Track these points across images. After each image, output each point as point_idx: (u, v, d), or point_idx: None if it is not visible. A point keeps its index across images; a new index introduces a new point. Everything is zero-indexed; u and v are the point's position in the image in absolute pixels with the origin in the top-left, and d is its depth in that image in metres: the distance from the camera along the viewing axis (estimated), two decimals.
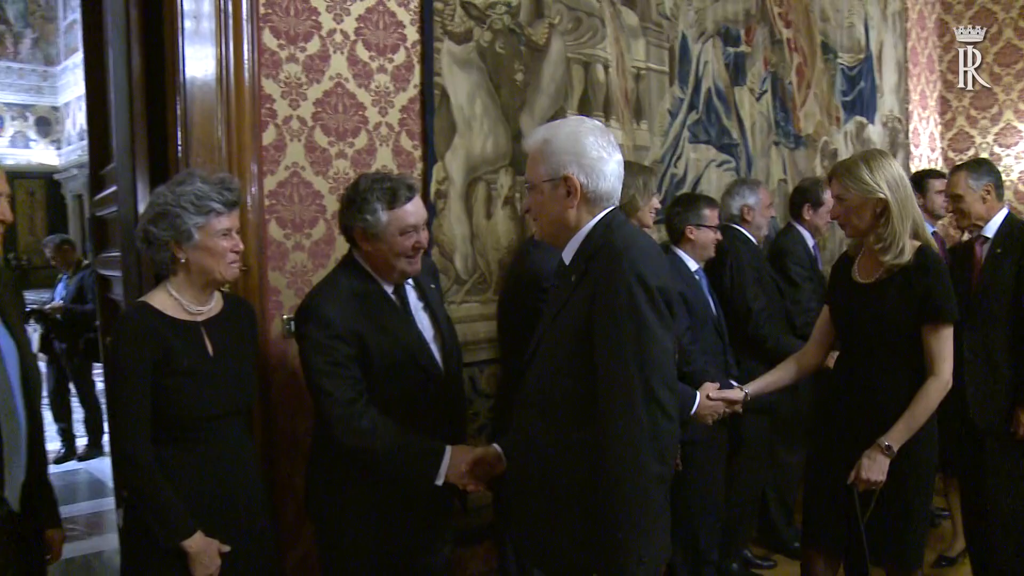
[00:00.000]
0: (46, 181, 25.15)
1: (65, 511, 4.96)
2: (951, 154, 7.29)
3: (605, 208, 2.11)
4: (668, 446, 1.97)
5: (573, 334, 2.02)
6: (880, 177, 2.66)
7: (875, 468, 2.66)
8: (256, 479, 2.48)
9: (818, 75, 5.63)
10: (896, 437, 2.66)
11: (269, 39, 3.03)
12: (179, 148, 2.85)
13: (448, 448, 2.42)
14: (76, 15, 17.14)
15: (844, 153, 5.74)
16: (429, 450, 2.42)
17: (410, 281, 2.63)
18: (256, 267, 2.98)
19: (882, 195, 2.67)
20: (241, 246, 2.39)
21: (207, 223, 2.29)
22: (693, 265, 3.69)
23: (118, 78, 3.18)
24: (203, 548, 2.23)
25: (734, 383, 3.20)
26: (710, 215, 3.66)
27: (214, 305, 2.43)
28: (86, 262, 6.81)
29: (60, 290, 6.89)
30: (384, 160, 3.34)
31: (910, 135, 6.82)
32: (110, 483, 4.30)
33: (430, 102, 3.43)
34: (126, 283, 3.06)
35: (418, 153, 3.44)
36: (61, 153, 21.85)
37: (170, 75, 2.90)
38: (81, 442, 6.81)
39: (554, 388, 2.09)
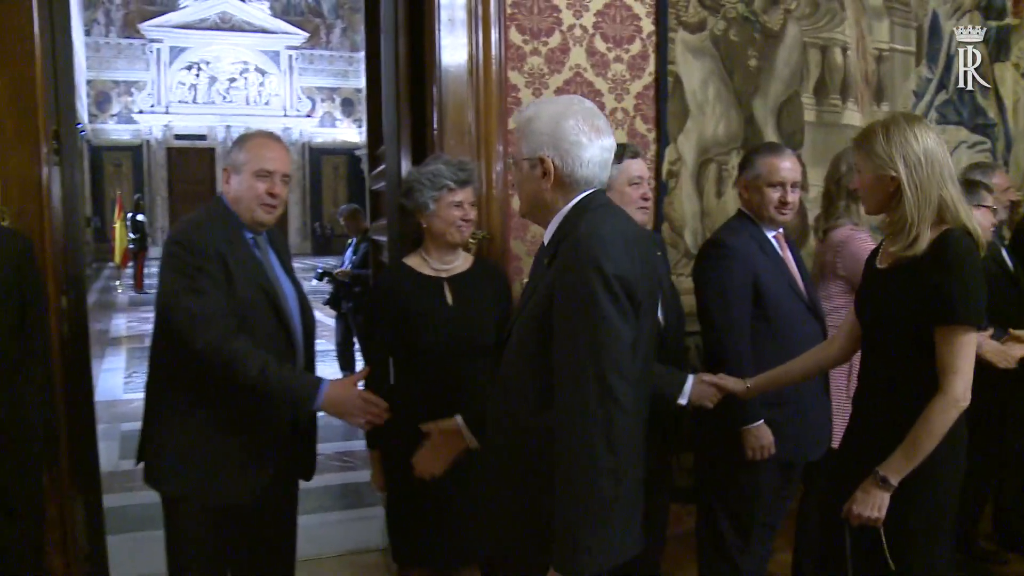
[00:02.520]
0: (348, 157, 27.72)
1: (346, 446, 5.85)
2: None
3: (585, 191, 2.03)
4: (622, 439, 1.87)
5: (537, 319, 1.97)
6: (896, 150, 2.22)
7: (868, 503, 2.25)
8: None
9: None
10: (894, 467, 2.22)
11: (515, 35, 3.44)
12: (435, 131, 3.35)
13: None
14: None
15: None
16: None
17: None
18: (499, 237, 3.41)
19: (894, 173, 2.23)
20: (471, 216, 2.82)
21: (440, 196, 2.76)
22: None
23: (387, 67, 3.68)
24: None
25: None
26: (986, 196, 3.60)
27: (460, 264, 2.88)
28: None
29: (348, 254, 7.72)
30: (619, 141, 3.65)
31: None
32: None
33: (664, 89, 3.70)
34: (390, 247, 3.59)
35: (652, 136, 3.72)
36: (362, 131, 23.92)
37: (429, 65, 3.40)
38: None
39: (518, 372, 2.05)
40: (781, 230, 3.01)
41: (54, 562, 3.06)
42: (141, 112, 26.12)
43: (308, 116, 27.55)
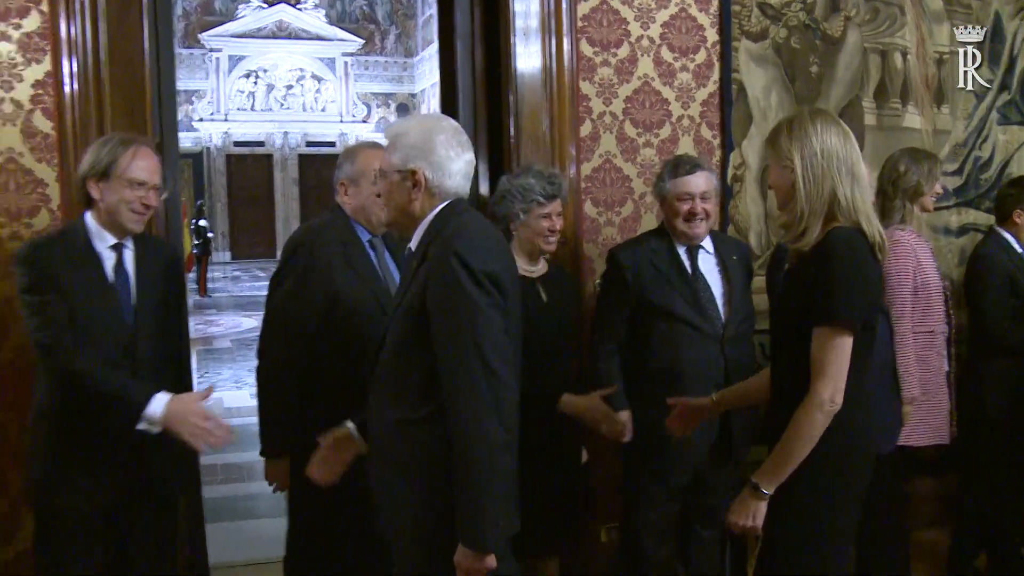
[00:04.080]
0: None
1: None
2: None
3: (447, 200, 2.19)
4: (510, 414, 2.04)
5: (413, 317, 2.10)
6: (795, 144, 2.18)
7: (741, 511, 2.19)
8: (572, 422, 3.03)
9: None
10: (764, 474, 2.16)
11: (585, 47, 3.62)
12: (512, 139, 3.53)
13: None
14: (432, 10, 19.31)
15: None
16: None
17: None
18: (572, 240, 3.58)
19: (790, 166, 2.18)
20: (558, 226, 3.00)
21: (531, 209, 2.96)
22: (1019, 248, 3.66)
23: (464, 73, 3.88)
24: None
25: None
26: None
27: (541, 267, 3.09)
28: None
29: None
30: (686, 148, 3.80)
31: None
32: None
33: (728, 96, 3.85)
34: None
35: (716, 141, 3.86)
36: None
37: (505, 73, 3.59)
38: None
39: (398, 369, 2.17)
40: None
41: None
42: (201, 120, 26.68)
43: (364, 121, 27.89)
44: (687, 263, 3.11)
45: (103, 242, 2.64)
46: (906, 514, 3.50)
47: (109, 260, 2.65)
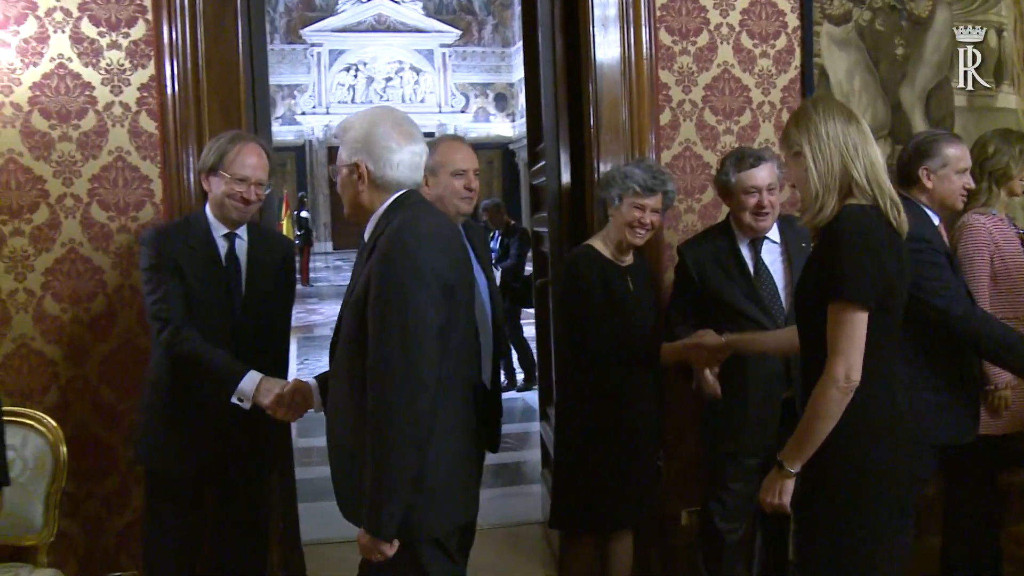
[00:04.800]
0: (502, 151, 28.21)
1: (503, 429, 6.16)
2: None
3: (398, 192, 2.25)
4: (423, 412, 2.06)
5: (357, 310, 2.16)
6: (802, 129, 2.24)
7: (770, 489, 2.25)
8: (652, 405, 3.15)
9: None
10: (790, 453, 2.20)
11: (664, 36, 3.66)
12: (591, 128, 3.61)
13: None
14: None
15: None
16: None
17: None
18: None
19: (798, 149, 2.25)
20: (648, 221, 3.04)
21: (625, 196, 3.03)
22: None
23: (545, 65, 3.94)
24: None
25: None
26: None
27: (629, 256, 3.18)
28: (512, 223, 8.18)
29: (492, 246, 8.08)
30: (767, 134, 3.80)
31: None
32: (537, 408, 5.23)
33: (809, 81, 3.83)
34: (552, 237, 3.87)
35: None
36: (515, 125, 24.19)
37: (585, 62, 3.65)
38: (520, 377, 8.10)
39: (349, 357, 2.22)
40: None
41: None
42: (303, 114, 27.36)
43: (462, 112, 28.19)
44: (749, 259, 3.14)
45: (218, 231, 2.90)
46: (995, 508, 3.40)
47: (222, 248, 2.90)
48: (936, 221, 3.08)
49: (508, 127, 27.79)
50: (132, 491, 3.12)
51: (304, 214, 19.05)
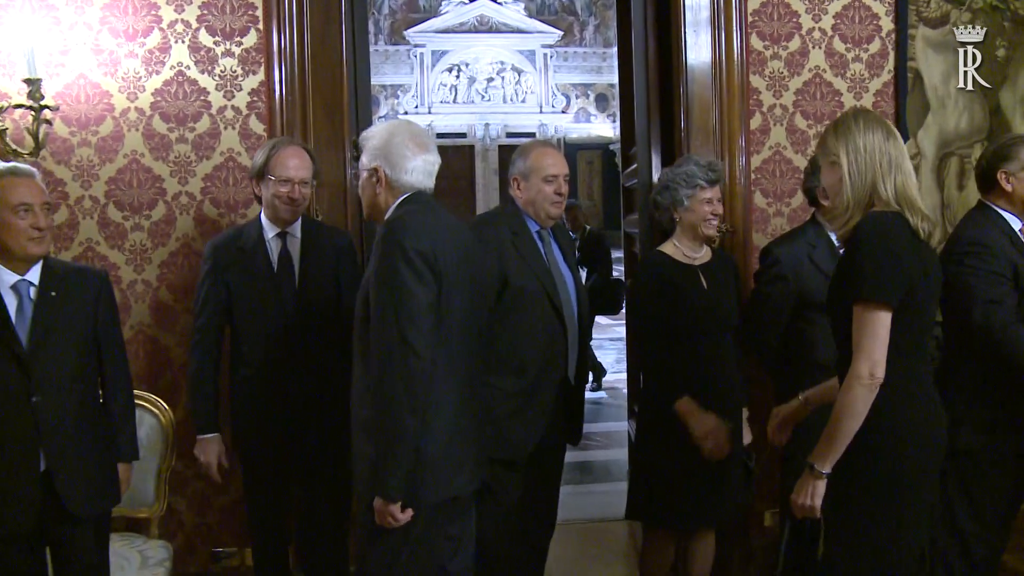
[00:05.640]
0: (602, 151, 28.18)
1: (589, 428, 6.19)
2: None
3: (408, 193, 2.51)
4: (418, 380, 2.31)
5: (364, 296, 2.43)
6: (841, 143, 2.33)
7: (801, 491, 2.27)
8: (737, 386, 3.22)
9: None
10: (818, 453, 2.24)
11: (756, 41, 3.70)
12: (682, 132, 3.68)
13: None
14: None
15: None
16: None
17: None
18: (741, 231, 3.68)
19: (835, 160, 2.34)
20: (719, 210, 3.16)
21: (694, 194, 3.11)
22: None
23: (638, 67, 4.03)
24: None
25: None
26: None
27: (704, 254, 3.23)
28: (588, 226, 8.43)
29: None
30: None
31: None
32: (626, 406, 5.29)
33: (903, 85, 3.82)
34: (642, 239, 3.94)
35: None
36: (615, 126, 24.10)
37: (676, 65, 3.73)
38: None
39: (360, 338, 2.48)
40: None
41: None
42: (406, 113, 27.74)
43: (563, 112, 28.24)
44: None
45: (270, 232, 3.10)
46: None
47: (275, 249, 3.09)
48: (1018, 225, 3.02)
49: (608, 128, 27.71)
50: (234, 471, 3.31)
51: None
